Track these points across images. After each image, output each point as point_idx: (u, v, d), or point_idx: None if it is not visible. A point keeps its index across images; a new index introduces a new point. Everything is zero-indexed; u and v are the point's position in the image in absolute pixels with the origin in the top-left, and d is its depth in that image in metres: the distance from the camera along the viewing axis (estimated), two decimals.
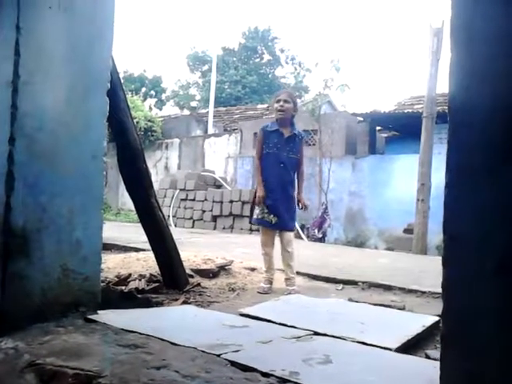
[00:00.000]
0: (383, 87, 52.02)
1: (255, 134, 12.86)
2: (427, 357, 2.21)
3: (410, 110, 11.13)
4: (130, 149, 2.99)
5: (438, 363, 2.06)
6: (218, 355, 1.73)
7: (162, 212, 3.37)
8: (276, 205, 3.66)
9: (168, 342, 1.87)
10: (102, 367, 1.58)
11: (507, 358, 0.80)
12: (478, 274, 0.83)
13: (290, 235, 3.73)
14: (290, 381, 1.51)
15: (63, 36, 2.21)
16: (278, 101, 3.74)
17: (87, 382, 1.51)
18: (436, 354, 2.26)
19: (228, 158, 13.06)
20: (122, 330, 2.00)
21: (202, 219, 10.84)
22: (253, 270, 4.10)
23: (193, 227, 10.76)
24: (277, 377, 1.54)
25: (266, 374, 1.56)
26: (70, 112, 2.23)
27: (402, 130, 11.98)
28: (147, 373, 1.56)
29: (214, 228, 10.49)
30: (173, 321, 2.32)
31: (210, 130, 15.22)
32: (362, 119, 11.50)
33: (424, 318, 2.69)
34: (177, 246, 3.45)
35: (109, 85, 2.38)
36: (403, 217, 9.31)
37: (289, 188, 3.74)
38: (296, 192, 3.81)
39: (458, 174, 0.87)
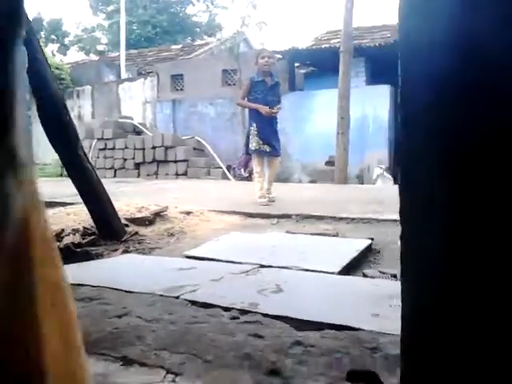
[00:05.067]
0: (300, 22, 51.71)
1: (172, 76, 12.44)
2: (365, 276, 2.40)
3: (328, 45, 11.24)
4: (52, 102, 2.80)
5: (375, 280, 2.26)
6: (177, 297, 1.78)
7: (90, 163, 3.25)
8: (268, 137, 4.87)
9: (123, 290, 1.88)
10: None
11: (456, 273, 0.89)
12: (428, 202, 0.90)
13: (278, 159, 5.13)
14: (250, 311, 1.60)
15: None
16: (263, 57, 4.89)
17: None
18: (372, 272, 2.47)
19: (145, 103, 12.60)
20: (72, 284, 1.97)
21: (124, 168, 10.54)
22: (188, 213, 4.11)
23: (115, 176, 10.44)
24: (238, 309, 1.62)
25: (227, 309, 1.63)
26: None
27: (319, 65, 12.12)
28: (109, 322, 1.58)
29: (138, 176, 10.27)
30: (121, 270, 2.32)
31: (124, 75, 14.49)
32: (280, 56, 11.45)
33: (357, 242, 2.89)
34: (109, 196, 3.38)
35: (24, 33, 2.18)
36: (324, 150, 9.64)
37: (274, 123, 4.97)
38: (277, 125, 5.07)
39: (408, 112, 0.93)
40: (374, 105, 9.65)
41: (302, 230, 3.48)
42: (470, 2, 0.82)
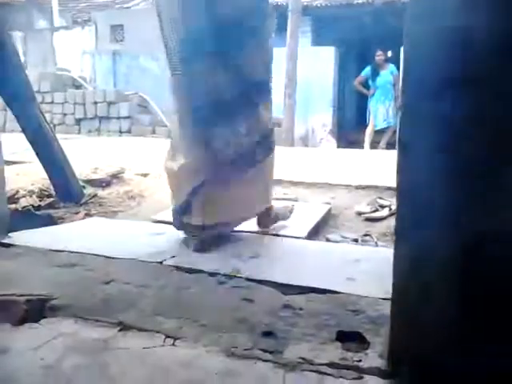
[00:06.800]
0: None
1: (112, 26, 11.83)
2: (327, 240, 2.56)
3: (275, 3, 11.05)
4: (9, 59, 2.65)
5: (339, 245, 2.41)
6: (160, 262, 1.84)
7: (47, 123, 3.14)
8: None
9: (103, 256, 1.91)
10: (49, 290, 1.59)
11: (448, 244, 1.01)
12: (427, 178, 1.01)
13: None
14: (235, 276, 1.69)
15: None
16: None
17: (41, 306, 1.52)
18: (334, 237, 2.63)
19: (83, 54, 11.96)
20: (50, 250, 1.97)
21: (63, 123, 10.07)
22: (145, 175, 4.08)
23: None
24: (222, 274, 1.71)
25: (212, 274, 1.71)
26: None
27: None
28: (100, 288, 1.62)
29: (79, 132, 9.88)
30: (94, 235, 2.31)
31: (58, 22, 13.57)
32: None
33: (318, 207, 3.02)
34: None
35: None
36: None
37: None
38: None
39: (413, 99, 1.02)
40: (319, 66, 9.72)
41: None
42: None
